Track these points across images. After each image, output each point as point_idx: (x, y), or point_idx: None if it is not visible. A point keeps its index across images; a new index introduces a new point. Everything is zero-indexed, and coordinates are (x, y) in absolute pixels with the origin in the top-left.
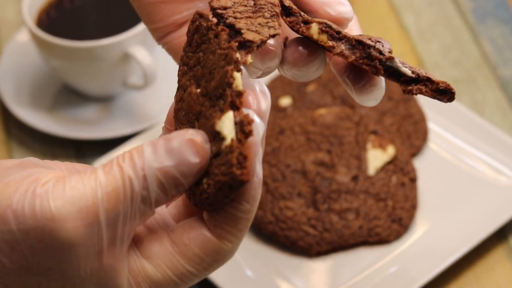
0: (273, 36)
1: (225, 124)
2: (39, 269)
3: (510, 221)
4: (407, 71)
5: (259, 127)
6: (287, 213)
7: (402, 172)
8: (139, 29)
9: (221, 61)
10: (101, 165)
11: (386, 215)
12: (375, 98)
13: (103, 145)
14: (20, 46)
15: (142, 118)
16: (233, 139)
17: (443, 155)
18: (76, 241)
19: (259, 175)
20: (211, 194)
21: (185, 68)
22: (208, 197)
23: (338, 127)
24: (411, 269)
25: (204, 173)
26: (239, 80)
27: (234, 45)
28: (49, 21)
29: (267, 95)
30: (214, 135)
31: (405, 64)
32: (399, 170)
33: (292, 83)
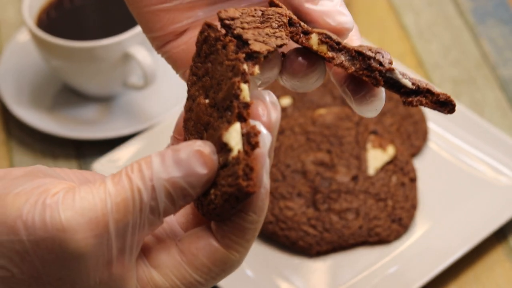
0: (280, 46)
1: (232, 135)
2: (49, 279)
3: (509, 221)
4: (407, 83)
5: (266, 138)
6: (287, 213)
7: (402, 172)
8: (139, 29)
9: (228, 73)
10: (110, 176)
11: (386, 215)
12: (375, 109)
13: (103, 145)
14: (20, 46)
15: (142, 118)
16: (239, 151)
17: (443, 155)
18: (86, 252)
19: (266, 186)
20: (218, 205)
21: (194, 78)
22: (215, 208)
23: (338, 127)
24: (411, 269)
25: (212, 183)
26: (246, 91)
27: (241, 57)
28: (49, 21)
29: (277, 106)
30: (221, 147)
31: (405, 75)
32: (399, 170)
33: None
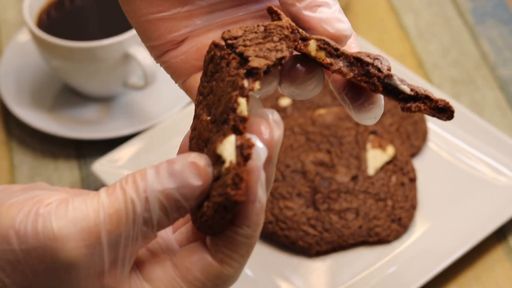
0: (280, 59)
1: (226, 147)
2: None
3: (509, 221)
4: (406, 89)
5: (262, 152)
6: (287, 213)
7: (401, 172)
8: None
9: (228, 88)
10: (105, 188)
11: (385, 215)
12: (374, 116)
13: (103, 145)
14: (20, 46)
15: (142, 118)
16: (231, 162)
17: (442, 155)
18: (77, 261)
19: (262, 201)
20: (209, 216)
21: (200, 98)
22: (207, 220)
23: (337, 127)
24: (411, 269)
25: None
26: (244, 105)
27: (241, 72)
28: (49, 22)
29: (280, 124)
30: (216, 159)
31: (403, 81)
32: (399, 170)
33: None
